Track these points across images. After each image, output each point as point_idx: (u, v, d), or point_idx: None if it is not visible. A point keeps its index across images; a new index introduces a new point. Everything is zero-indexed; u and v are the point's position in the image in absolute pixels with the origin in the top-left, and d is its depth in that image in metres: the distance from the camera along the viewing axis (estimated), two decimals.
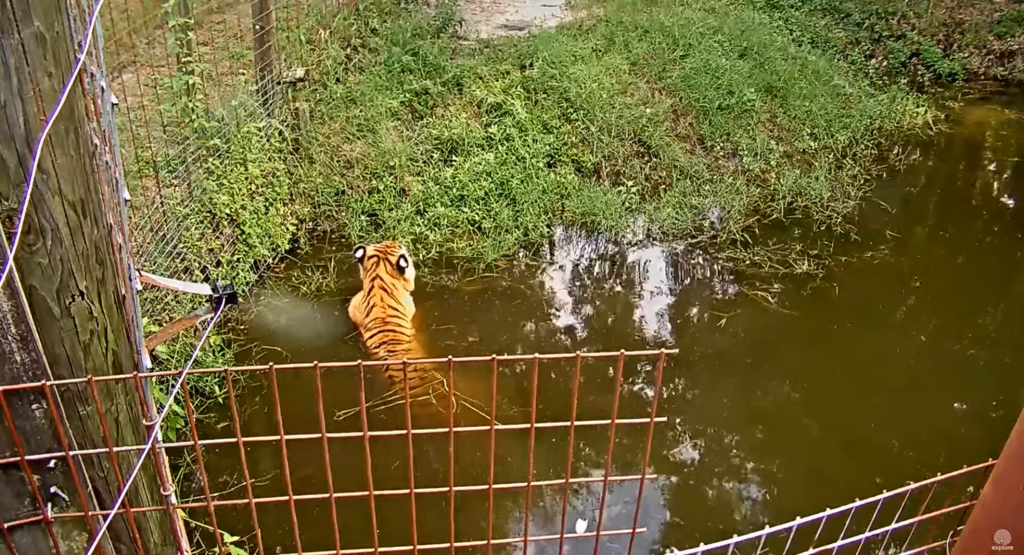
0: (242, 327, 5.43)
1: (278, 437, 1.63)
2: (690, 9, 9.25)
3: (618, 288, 6.22)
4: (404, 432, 1.64)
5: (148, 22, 6.86)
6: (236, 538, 3.73)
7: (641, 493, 1.78)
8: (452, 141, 7.11)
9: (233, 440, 1.65)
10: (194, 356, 2.09)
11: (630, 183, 7.07)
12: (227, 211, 5.69)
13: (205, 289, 2.07)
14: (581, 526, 1.74)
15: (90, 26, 1.58)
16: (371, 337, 5.27)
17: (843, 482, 4.28)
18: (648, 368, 5.29)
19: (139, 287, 1.83)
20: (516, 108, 7.35)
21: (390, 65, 7.76)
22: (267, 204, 6.13)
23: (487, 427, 1.66)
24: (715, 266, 6.37)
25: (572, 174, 7.10)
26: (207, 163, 5.65)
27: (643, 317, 5.90)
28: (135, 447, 1.90)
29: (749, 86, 7.94)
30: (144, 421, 1.82)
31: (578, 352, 1.59)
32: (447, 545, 1.81)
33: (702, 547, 1.93)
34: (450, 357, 1.56)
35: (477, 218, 6.55)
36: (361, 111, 7.19)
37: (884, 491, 1.99)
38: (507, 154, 7.04)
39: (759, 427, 4.92)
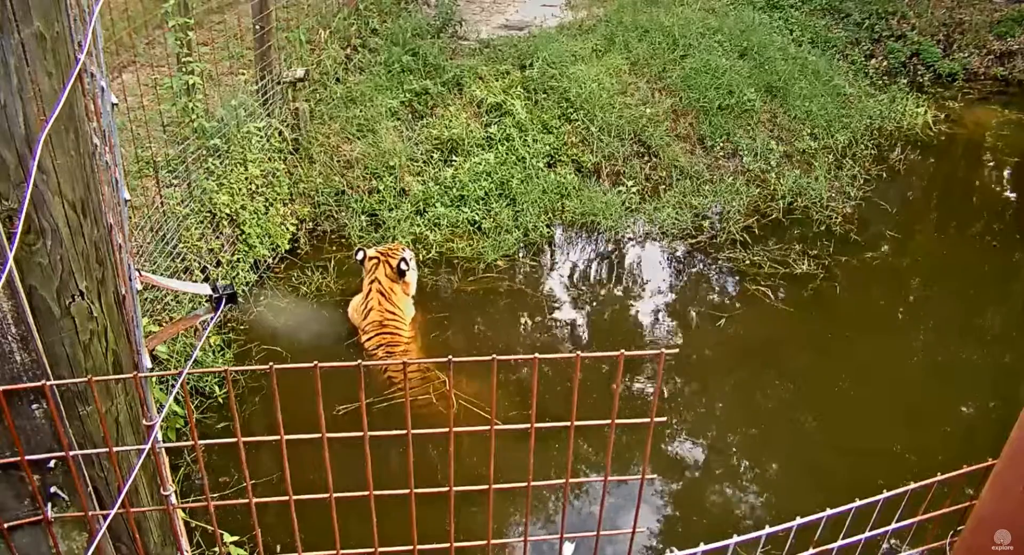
0: (242, 327, 5.43)
1: (278, 437, 1.63)
2: (690, 9, 9.25)
3: (618, 288, 6.22)
4: (404, 432, 1.64)
5: (148, 22, 6.86)
6: (236, 538, 3.73)
7: (641, 493, 1.78)
8: (452, 141, 7.11)
9: (233, 440, 1.65)
10: (194, 356, 2.09)
11: (630, 183, 7.07)
12: (227, 211, 5.69)
13: (205, 289, 2.07)
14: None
15: (90, 26, 1.58)
16: (368, 339, 5.26)
17: (843, 482, 4.28)
18: (648, 368, 5.29)
19: (139, 287, 1.83)
20: (516, 108, 7.35)
21: (390, 65, 7.76)
22: (267, 204, 6.13)
23: (487, 427, 1.66)
24: (715, 266, 6.37)
25: (572, 174, 7.10)
26: (207, 163, 5.65)
27: (643, 317, 5.89)
28: (135, 447, 1.90)
29: (749, 86, 7.94)
30: (144, 421, 1.83)
31: (578, 352, 1.59)
32: (447, 545, 1.81)
33: (702, 547, 1.92)
34: (450, 357, 1.56)
35: (477, 218, 6.55)
36: (361, 111, 7.19)
37: (884, 491, 1.99)
38: (507, 154, 7.04)
39: (758, 427, 4.92)
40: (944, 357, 5.53)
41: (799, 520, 1.96)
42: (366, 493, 1.72)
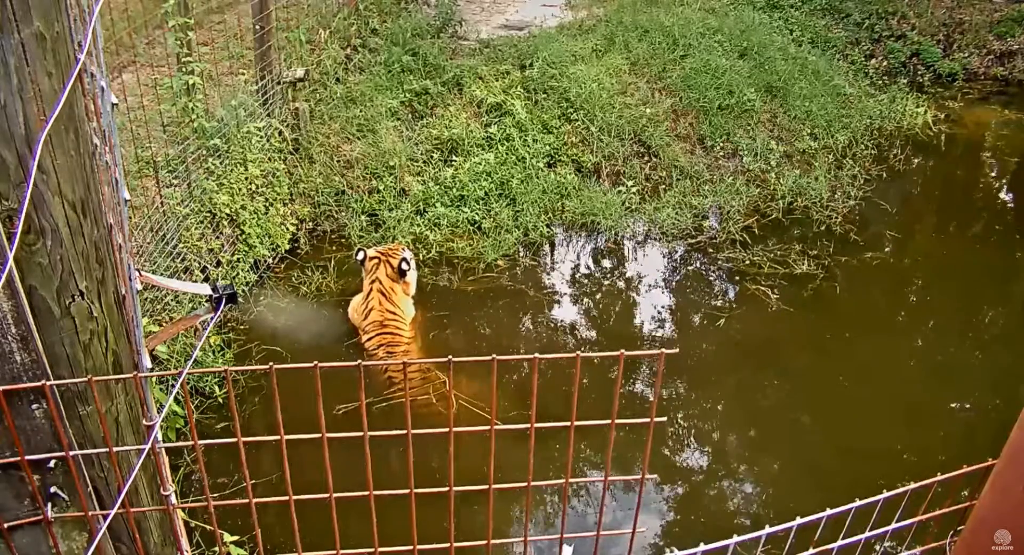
0: (242, 327, 5.43)
1: (278, 437, 1.63)
2: (690, 9, 9.25)
3: (618, 288, 6.22)
4: (404, 432, 1.64)
5: (148, 22, 6.86)
6: (236, 538, 3.73)
7: (641, 493, 1.78)
8: (452, 141, 7.11)
9: (233, 440, 1.65)
10: (194, 356, 2.09)
11: (630, 183, 7.07)
12: (227, 211, 5.69)
13: (205, 289, 2.07)
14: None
15: (90, 26, 1.58)
16: (368, 340, 5.27)
17: (843, 482, 4.28)
18: (648, 368, 5.29)
19: (139, 287, 1.83)
20: (516, 108, 7.35)
21: (390, 65, 7.76)
22: (267, 204, 6.13)
23: (487, 427, 1.66)
24: (714, 266, 6.37)
25: (572, 174, 7.10)
26: (207, 163, 5.65)
27: (643, 317, 5.90)
28: (135, 447, 1.90)
29: (749, 86, 7.94)
30: (144, 421, 1.83)
31: (578, 352, 1.59)
32: (447, 545, 1.81)
33: (702, 547, 1.92)
34: (450, 357, 1.56)
35: (477, 218, 6.55)
36: (361, 111, 7.19)
37: (884, 491, 1.99)
38: (507, 154, 7.04)
39: (758, 427, 4.92)
40: (944, 357, 5.53)
41: (799, 520, 1.96)
42: (366, 493, 1.72)
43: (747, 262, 6.29)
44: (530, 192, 6.75)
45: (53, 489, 1.74)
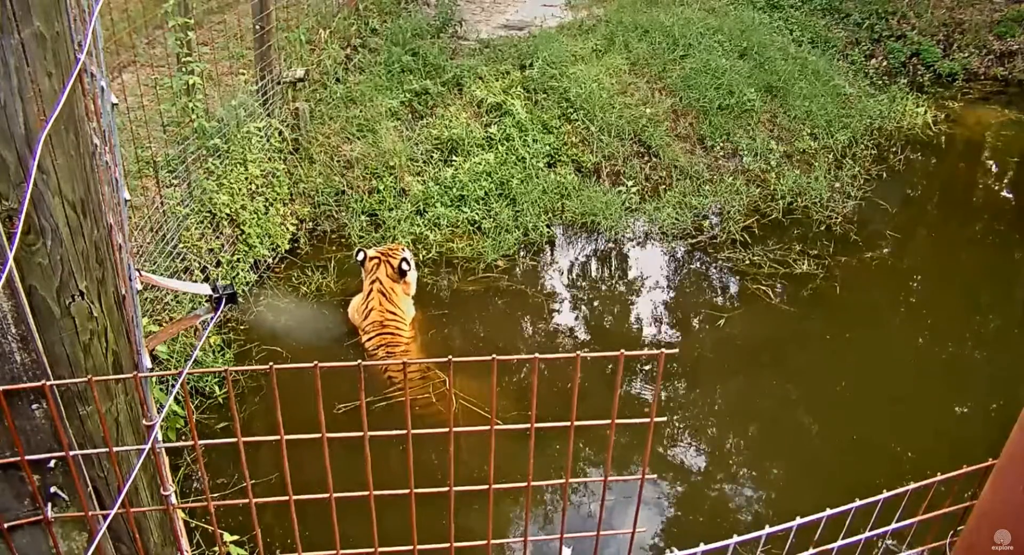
0: (242, 327, 5.43)
1: (278, 437, 1.63)
2: (690, 9, 9.25)
3: (618, 288, 6.22)
4: (404, 432, 1.64)
5: (148, 22, 6.86)
6: (236, 538, 3.73)
7: (641, 493, 1.78)
8: (452, 141, 7.11)
9: (233, 440, 1.65)
10: (194, 356, 2.09)
11: (630, 183, 7.07)
12: (227, 211, 5.69)
13: (205, 289, 2.07)
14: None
15: (90, 26, 1.58)
16: (369, 340, 5.27)
17: (843, 482, 4.28)
18: (648, 368, 5.29)
19: (139, 287, 1.83)
20: (516, 108, 7.35)
21: (390, 65, 7.76)
22: (267, 204, 6.13)
23: (487, 427, 1.66)
24: (715, 266, 6.36)
25: (572, 174, 7.10)
26: (207, 163, 5.65)
27: (643, 317, 5.89)
28: (135, 447, 1.90)
29: (749, 86, 7.94)
30: (144, 421, 1.82)
31: (578, 352, 1.59)
32: (447, 545, 1.81)
33: (702, 547, 1.92)
34: (450, 357, 1.56)
35: (477, 218, 6.55)
36: (361, 111, 7.19)
37: (884, 491, 1.99)
38: (507, 154, 7.04)
39: (758, 427, 4.92)
40: (944, 357, 5.53)
41: (799, 520, 1.96)
42: (366, 493, 1.71)
43: (747, 262, 6.29)
44: (530, 192, 6.75)
45: (53, 489, 1.74)
